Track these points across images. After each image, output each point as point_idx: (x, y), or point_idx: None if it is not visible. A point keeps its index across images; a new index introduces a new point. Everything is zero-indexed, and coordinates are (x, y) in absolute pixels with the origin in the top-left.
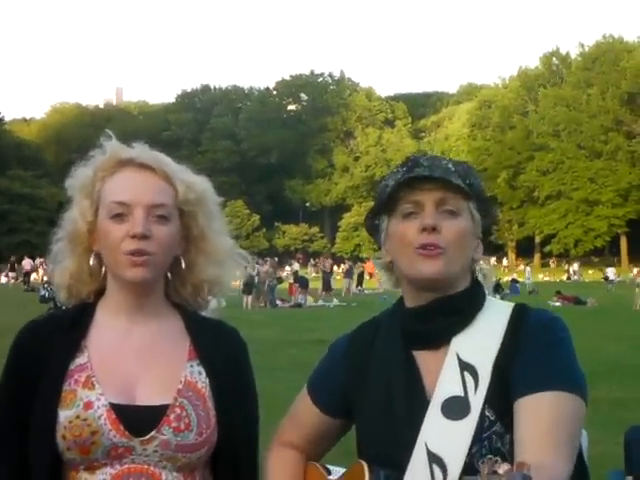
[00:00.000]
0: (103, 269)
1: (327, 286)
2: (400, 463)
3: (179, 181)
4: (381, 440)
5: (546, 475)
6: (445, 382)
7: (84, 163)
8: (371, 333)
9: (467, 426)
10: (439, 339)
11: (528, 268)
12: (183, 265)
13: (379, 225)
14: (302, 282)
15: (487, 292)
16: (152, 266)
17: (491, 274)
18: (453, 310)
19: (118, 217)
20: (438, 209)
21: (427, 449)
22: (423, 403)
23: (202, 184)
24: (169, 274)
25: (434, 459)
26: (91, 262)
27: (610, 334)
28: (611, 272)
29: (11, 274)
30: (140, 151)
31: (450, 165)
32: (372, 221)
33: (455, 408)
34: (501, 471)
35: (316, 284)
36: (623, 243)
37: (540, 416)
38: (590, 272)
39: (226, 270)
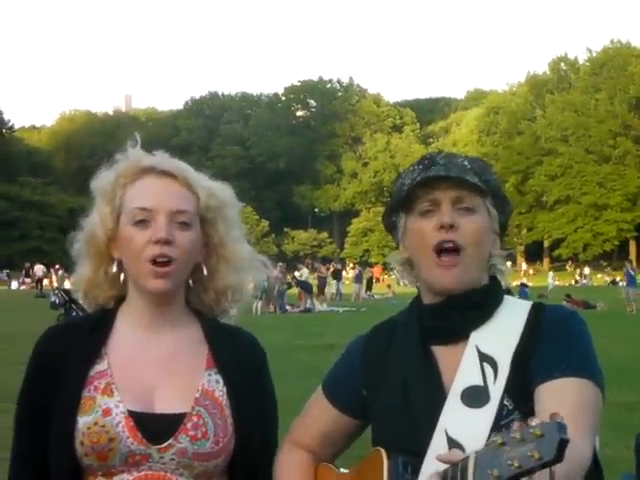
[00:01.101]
0: (122, 276)
1: (321, 290)
2: (418, 450)
3: (200, 188)
4: (399, 432)
5: (572, 456)
6: (465, 372)
7: (107, 167)
8: (388, 332)
9: (487, 414)
10: (458, 334)
11: (551, 273)
12: (205, 272)
13: (396, 222)
14: (306, 287)
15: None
16: (174, 276)
17: (507, 273)
18: (472, 305)
19: (141, 223)
20: (455, 206)
21: (447, 435)
22: (442, 396)
23: (224, 190)
24: (190, 281)
25: (454, 444)
26: (114, 269)
27: (620, 338)
28: None
29: (27, 280)
30: (161, 159)
31: (466, 162)
32: (390, 218)
33: (475, 397)
34: (533, 423)
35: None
36: (632, 247)
37: (565, 400)
38: (599, 276)
39: (247, 276)
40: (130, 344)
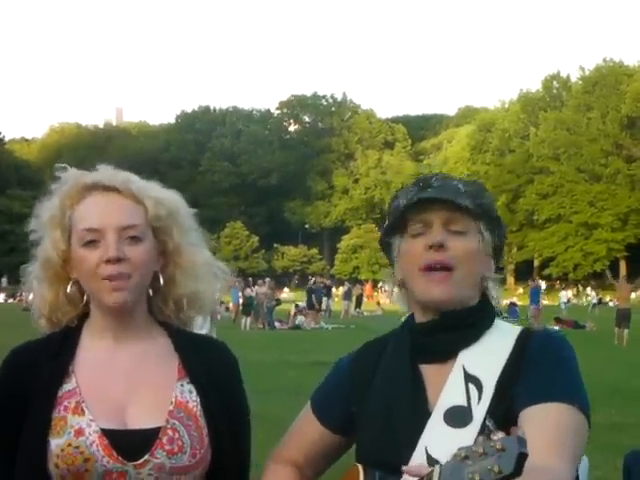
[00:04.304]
0: (85, 295)
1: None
2: (397, 466)
3: (147, 198)
4: (380, 447)
5: (552, 479)
6: (449, 391)
7: (47, 198)
8: (378, 350)
9: (468, 434)
10: (447, 353)
11: (564, 292)
12: (162, 281)
13: (391, 243)
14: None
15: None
16: (131, 289)
17: (499, 297)
18: (462, 325)
19: (91, 244)
20: (446, 228)
21: (427, 453)
22: (425, 413)
23: (172, 198)
24: (150, 291)
25: (433, 463)
26: (69, 290)
27: (609, 358)
28: None
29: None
30: (104, 174)
31: (460, 185)
32: (385, 239)
33: (458, 416)
34: (496, 437)
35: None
36: (622, 267)
37: (547, 425)
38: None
39: (204, 284)
40: (96, 360)
